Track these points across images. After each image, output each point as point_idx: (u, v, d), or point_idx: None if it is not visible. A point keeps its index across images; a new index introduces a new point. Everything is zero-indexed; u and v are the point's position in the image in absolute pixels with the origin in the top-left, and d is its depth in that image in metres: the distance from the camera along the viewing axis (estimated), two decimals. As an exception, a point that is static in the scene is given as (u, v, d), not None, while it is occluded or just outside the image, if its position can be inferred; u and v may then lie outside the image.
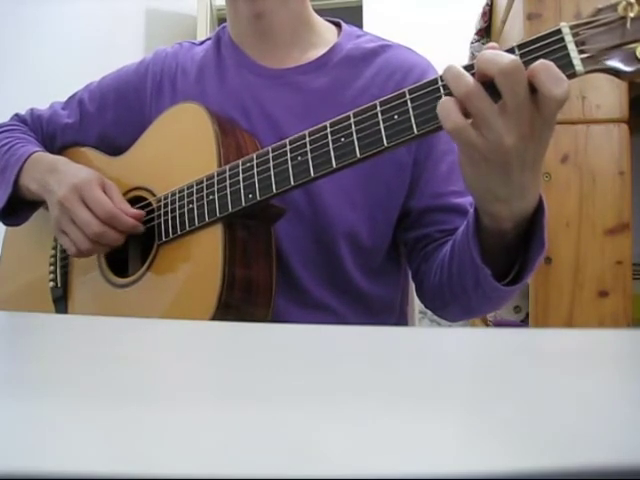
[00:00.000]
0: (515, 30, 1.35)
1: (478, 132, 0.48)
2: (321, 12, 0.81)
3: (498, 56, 0.46)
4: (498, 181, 0.50)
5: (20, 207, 0.78)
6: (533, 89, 0.46)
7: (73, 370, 0.26)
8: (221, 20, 2.81)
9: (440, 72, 0.53)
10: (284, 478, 0.14)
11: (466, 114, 0.48)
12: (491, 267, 0.57)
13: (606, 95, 1.13)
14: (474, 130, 0.48)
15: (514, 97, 0.46)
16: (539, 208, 0.55)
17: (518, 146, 0.47)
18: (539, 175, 0.53)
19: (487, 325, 1.66)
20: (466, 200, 0.72)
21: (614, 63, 0.47)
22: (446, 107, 0.48)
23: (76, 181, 0.68)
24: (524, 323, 1.52)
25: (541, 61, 0.45)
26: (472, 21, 1.97)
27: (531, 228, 0.56)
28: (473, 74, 0.48)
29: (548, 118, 0.47)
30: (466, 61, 1.80)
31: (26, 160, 0.75)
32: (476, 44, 1.89)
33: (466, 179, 0.53)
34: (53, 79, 1.70)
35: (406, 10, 2.61)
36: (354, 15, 2.48)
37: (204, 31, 2.75)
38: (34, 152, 0.76)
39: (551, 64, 0.45)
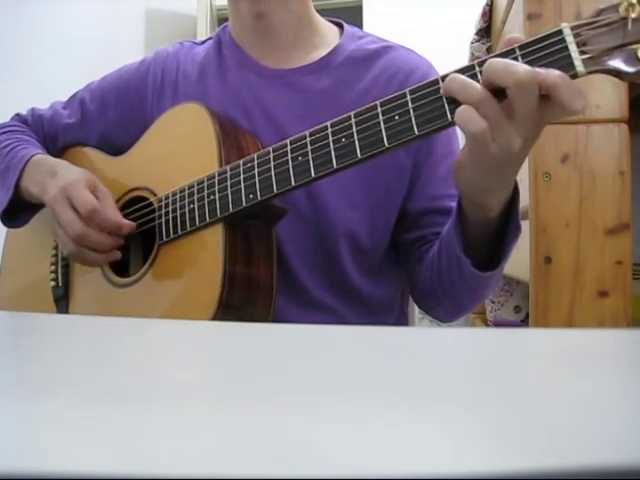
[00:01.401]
0: (515, 30, 1.35)
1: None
2: (321, 12, 0.81)
3: (512, 66, 0.47)
4: (492, 177, 0.52)
5: (21, 209, 0.78)
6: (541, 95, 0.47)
7: (73, 370, 0.26)
8: (221, 20, 2.81)
9: (441, 72, 0.53)
10: (284, 478, 0.14)
11: None
12: (475, 257, 0.60)
13: (606, 95, 1.13)
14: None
15: (526, 106, 0.47)
16: (514, 192, 0.58)
17: (522, 148, 0.49)
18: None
19: (487, 325, 1.66)
20: None
21: (615, 64, 0.47)
22: (467, 114, 0.49)
23: (64, 182, 0.68)
24: (524, 323, 1.52)
25: (559, 75, 0.46)
26: (472, 21, 1.97)
27: (508, 212, 0.59)
28: (471, 76, 0.49)
29: (548, 121, 0.49)
30: (466, 61, 1.79)
31: (27, 162, 0.75)
32: (476, 44, 1.89)
33: (463, 177, 0.54)
34: (53, 79, 1.70)
35: (406, 10, 2.61)
36: (354, 15, 2.48)
37: (204, 31, 2.75)
38: (35, 154, 0.76)
39: (569, 79, 0.46)
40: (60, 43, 2.15)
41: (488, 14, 1.85)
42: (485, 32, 1.89)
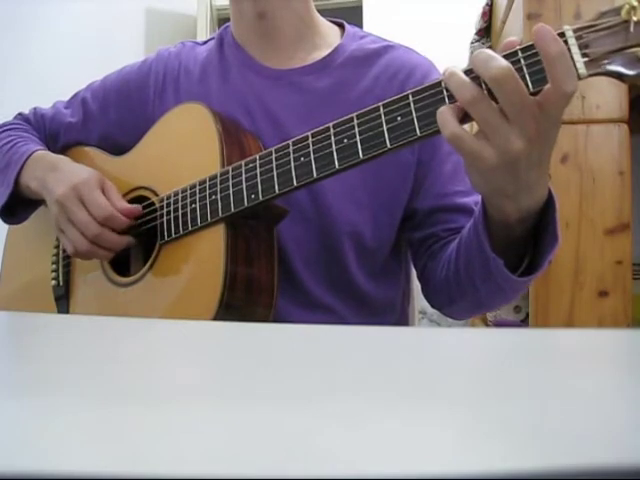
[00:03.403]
0: (515, 30, 1.35)
1: (484, 140, 0.48)
2: (321, 12, 0.81)
3: (491, 60, 0.46)
4: (505, 181, 0.50)
5: (20, 205, 0.78)
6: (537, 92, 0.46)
7: (73, 370, 0.26)
8: (221, 20, 2.81)
9: (442, 72, 0.53)
10: (284, 478, 0.14)
11: (464, 121, 0.48)
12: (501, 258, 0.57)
13: (606, 95, 1.13)
14: (477, 140, 0.48)
15: (509, 104, 0.46)
16: (549, 203, 0.55)
17: (525, 149, 0.48)
18: (546, 172, 0.53)
19: (487, 325, 1.66)
20: (471, 199, 0.72)
21: (617, 67, 0.47)
22: (443, 116, 0.48)
23: (76, 181, 0.68)
24: (524, 323, 1.52)
25: (560, 49, 0.45)
26: (472, 21, 1.97)
27: (541, 222, 0.56)
28: (474, 77, 0.49)
29: (553, 117, 0.47)
30: (466, 61, 1.80)
31: (27, 158, 0.75)
32: (476, 44, 1.89)
33: (473, 182, 0.53)
34: (53, 79, 1.70)
35: (406, 10, 2.61)
36: (354, 15, 2.48)
37: (204, 31, 2.75)
38: (36, 150, 0.76)
39: (567, 54, 0.45)
40: (60, 43, 2.14)
41: (488, 14, 1.85)
42: (485, 32, 1.89)
